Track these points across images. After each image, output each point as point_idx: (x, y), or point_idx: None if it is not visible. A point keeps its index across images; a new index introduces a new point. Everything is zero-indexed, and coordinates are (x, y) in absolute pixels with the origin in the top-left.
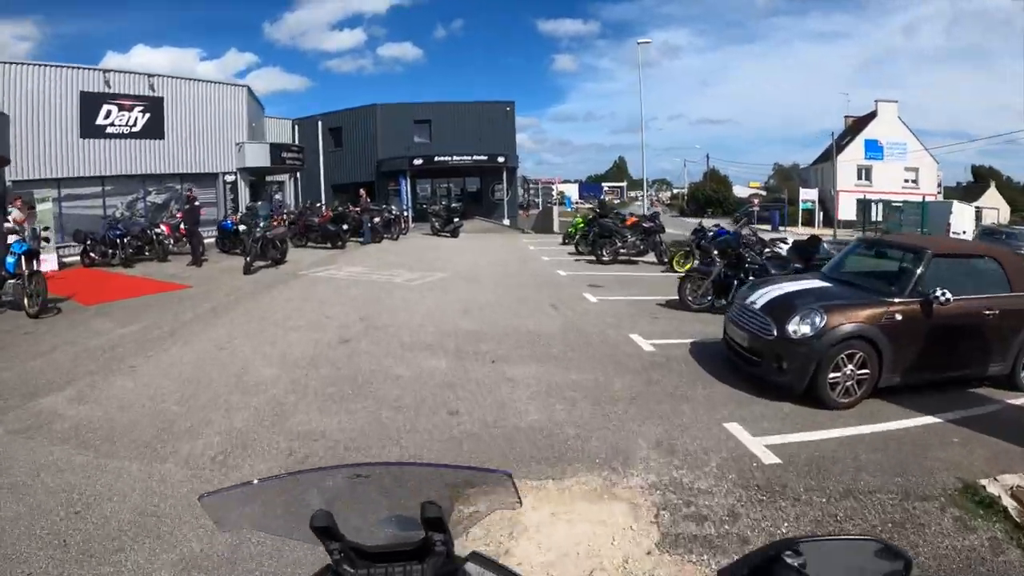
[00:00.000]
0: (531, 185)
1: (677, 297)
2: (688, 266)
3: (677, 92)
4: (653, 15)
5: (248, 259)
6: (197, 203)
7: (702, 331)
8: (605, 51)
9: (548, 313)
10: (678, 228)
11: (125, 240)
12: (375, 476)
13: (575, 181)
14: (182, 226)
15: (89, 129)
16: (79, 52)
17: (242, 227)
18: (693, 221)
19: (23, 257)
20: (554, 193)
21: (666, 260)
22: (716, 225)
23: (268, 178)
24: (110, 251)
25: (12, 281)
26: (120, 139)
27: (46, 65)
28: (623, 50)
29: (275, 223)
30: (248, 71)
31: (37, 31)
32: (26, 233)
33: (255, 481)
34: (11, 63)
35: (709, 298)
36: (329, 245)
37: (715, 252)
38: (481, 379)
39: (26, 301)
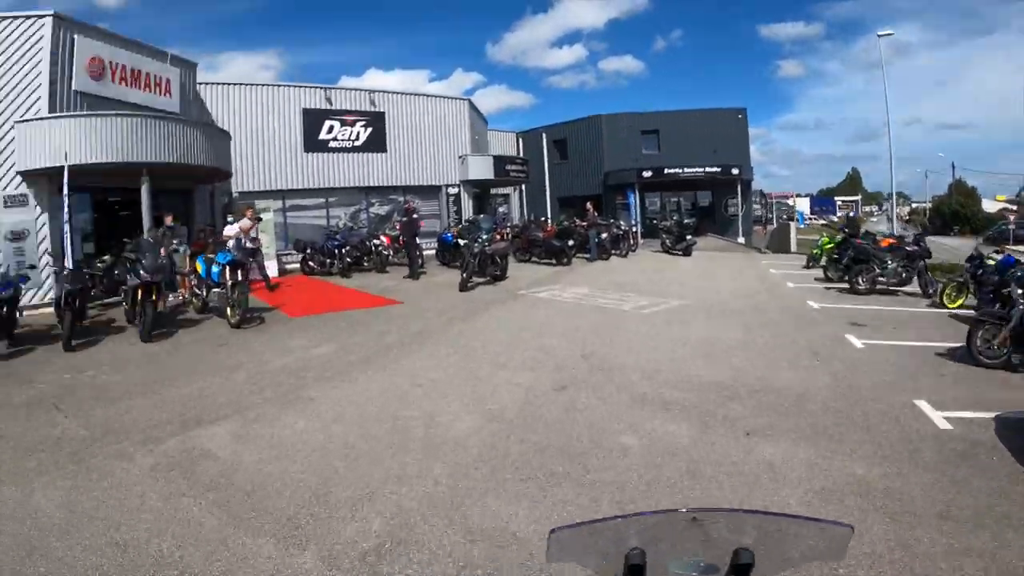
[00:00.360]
0: (767, 199)
1: (964, 346)
2: (960, 301)
3: (910, 94)
4: (880, 11)
5: (465, 275)
6: (416, 215)
7: (1007, 399)
8: (832, 53)
9: (808, 362)
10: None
11: (343, 250)
12: (699, 519)
13: (806, 195)
14: (401, 238)
15: (312, 143)
16: (316, 78)
17: (462, 241)
18: (944, 240)
19: (227, 268)
20: (790, 208)
21: (932, 292)
22: (997, 250)
23: (493, 191)
24: (328, 260)
25: (217, 290)
26: (343, 153)
27: (271, 85)
28: (851, 51)
29: (497, 237)
30: (474, 89)
31: (279, 60)
32: (243, 242)
33: (607, 519)
34: (240, 84)
35: (1007, 351)
36: (553, 261)
37: (1019, 291)
38: (733, 462)
39: (228, 311)
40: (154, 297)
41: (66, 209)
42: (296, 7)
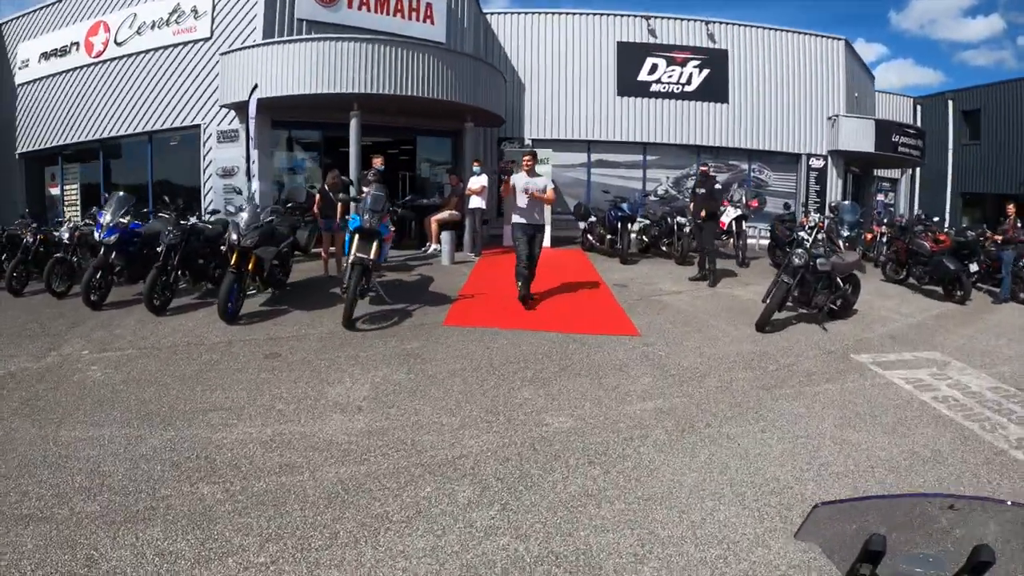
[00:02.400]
0: None
1: None
2: None
3: None
4: None
5: (769, 301)
6: (718, 185)
7: None
8: None
9: None
10: None
11: (629, 225)
12: (956, 507)
13: None
14: (693, 217)
15: (628, 85)
16: (635, 4)
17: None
18: None
19: (355, 237)
20: None
21: None
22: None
23: (875, 172)
24: (608, 236)
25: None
26: (669, 99)
27: (578, 13)
28: None
29: (845, 248)
30: (878, 63)
31: None
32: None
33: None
34: (538, 12)
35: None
36: (940, 291)
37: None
38: None
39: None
40: (250, 267)
41: (250, 147)
42: None
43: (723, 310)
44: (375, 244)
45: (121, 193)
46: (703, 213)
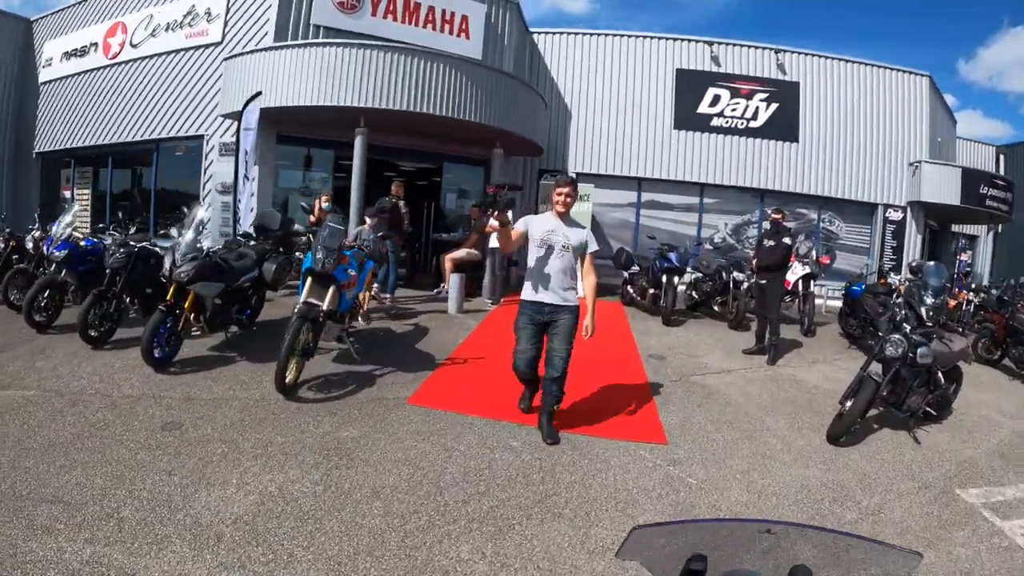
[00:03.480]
0: None
1: None
2: None
3: None
4: None
5: (854, 405)
6: (788, 240)
7: None
8: None
9: None
10: None
11: (675, 279)
12: (773, 532)
13: None
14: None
15: (687, 118)
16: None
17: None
18: None
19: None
20: None
21: None
22: None
23: (953, 227)
24: (652, 291)
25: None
26: (731, 135)
27: (633, 36)
28: None
29: (952, 341)
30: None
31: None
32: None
33: (687, 520)
34: (588, 33)
35: None
36: None
37: None
38: None
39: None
40: (187, 304)
41: (243, 162)
42: None
43: (784, 403)
44: (330, 290)
45: (76, 204)
46: (767, 270)
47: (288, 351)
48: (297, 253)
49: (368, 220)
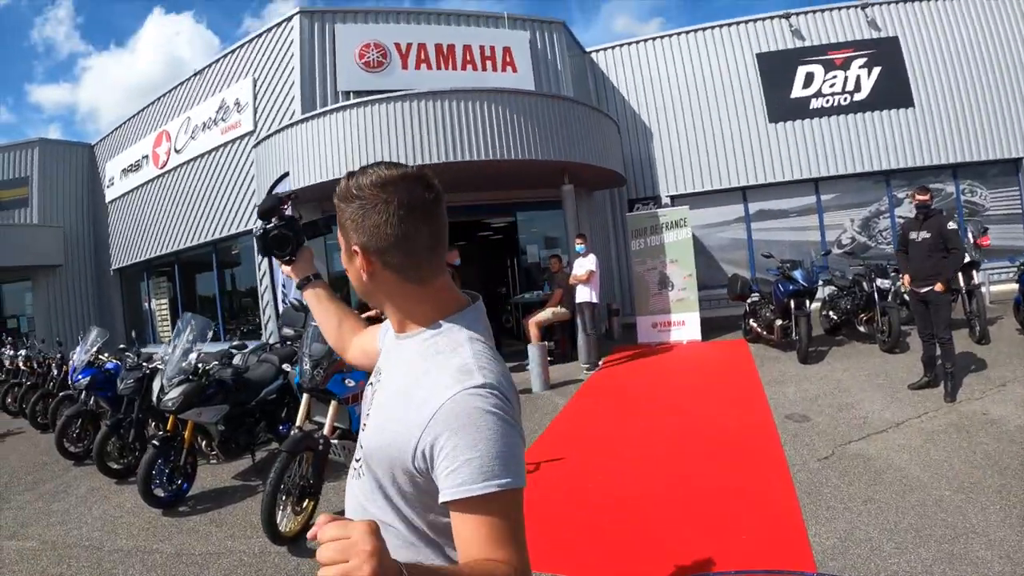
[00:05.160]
0: None
1: None
2: None
3: None
4: None
5: None
6: (952, 224)
7: None
8: None
9: None
10: None
11: (806, 303)
12: None
13: None
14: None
15: (781, 107)
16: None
17: None
18: None
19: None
20: None
21: None
22: None
23: None
24: (779, 322)
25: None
26: (836, 115)
27: (694, 30)
28: None
29: None
30: None
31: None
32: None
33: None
34: (647, 39)
35: None
36: None
37: None
38: None
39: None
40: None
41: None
42: None
43: (984, 467)
44: (331, 408)
45: (96, 329)
46: (925, 276)
47: (272, 494)
48: (285, 366)
49: None
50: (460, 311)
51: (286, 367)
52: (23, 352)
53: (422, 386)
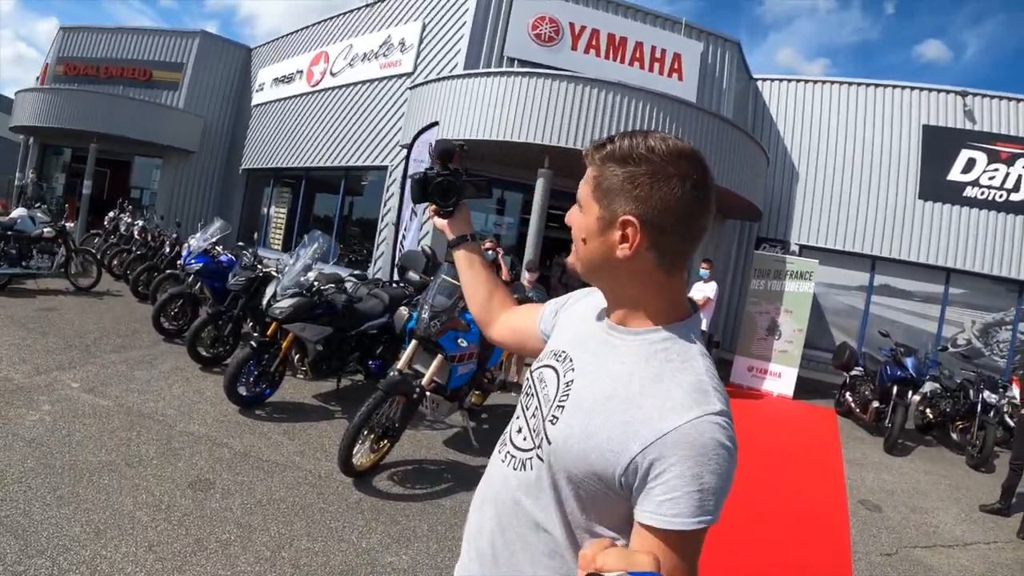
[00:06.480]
0: None
1: None
2: None
3: None
4: None
5: None
6: None
7: None
8: None
9: None
10: None
11: (908, 395)
12: None
13: None
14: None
15: (935, 187)
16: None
17: None
18: None
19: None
20: None
21: None
22: None
23: None
24: (875, 405)
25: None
26: (986, 210)
27: (870, 84)
28: None
29: None
30: None
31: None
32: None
33: None
34: (825, 81)
35: None
36: None
37: None
38: None
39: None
40: (285, 345)
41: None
42: None
43: None
44: (435, 361)
45: (219, 220)
46: None
47: (358, 427)
48: (402, 308)
49: (527, 275)
50: (689, 317)
51: (402, 309)
52: (140, 223)
53: (652, 396)
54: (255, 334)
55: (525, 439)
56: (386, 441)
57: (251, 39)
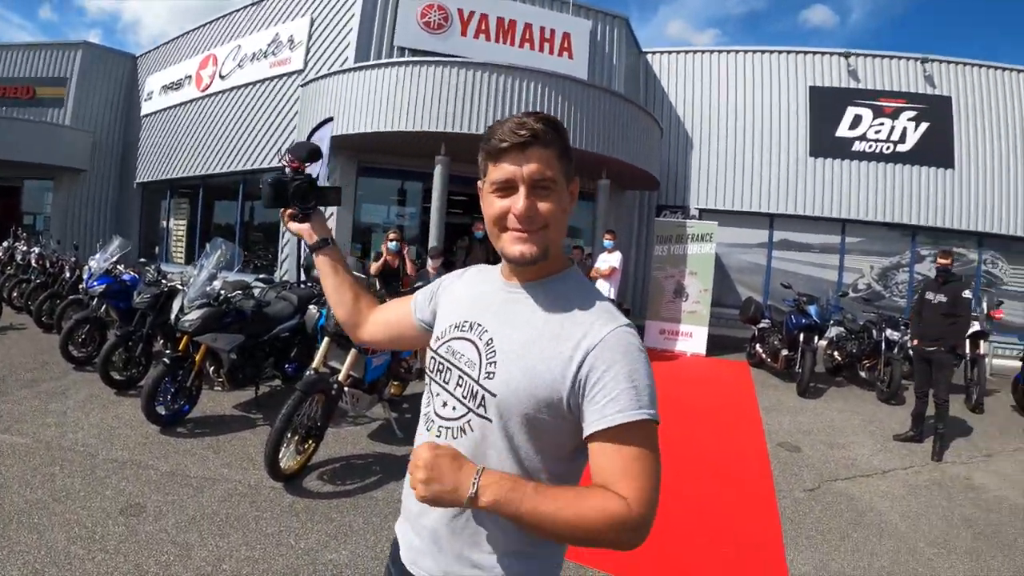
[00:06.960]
0: None
1: None
2: None
3: None
4: None
5: None
6: (967, 293)
7: None
8: None
9: None
10: None
11: (815, 340)
12: None
13: None
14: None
15: (824, 143)
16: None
17: None
18: None
19: None
20: None
21: None
22: None
23: None
24: (785, 353)
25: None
26: (875, 162)
27: (757, 51)
28: None
29: None
30: None
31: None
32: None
33: None
34: (703, 51)
35: None
36: None
37: None
38: None
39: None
40: (198, 358)
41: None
42: None
43: (960, 529)
44: (349, 355)
45: (118, 238)
46: (936, 341)
47: (280, 431)
48: (312, 307)
49: (431, 262)
50: (572, 265)
51: (311, 307)
52: (37, 250)
53: (572, 325)
54: (167, 351)
55: (455, 408)
56: (311, 441)
57: (136, 46)
